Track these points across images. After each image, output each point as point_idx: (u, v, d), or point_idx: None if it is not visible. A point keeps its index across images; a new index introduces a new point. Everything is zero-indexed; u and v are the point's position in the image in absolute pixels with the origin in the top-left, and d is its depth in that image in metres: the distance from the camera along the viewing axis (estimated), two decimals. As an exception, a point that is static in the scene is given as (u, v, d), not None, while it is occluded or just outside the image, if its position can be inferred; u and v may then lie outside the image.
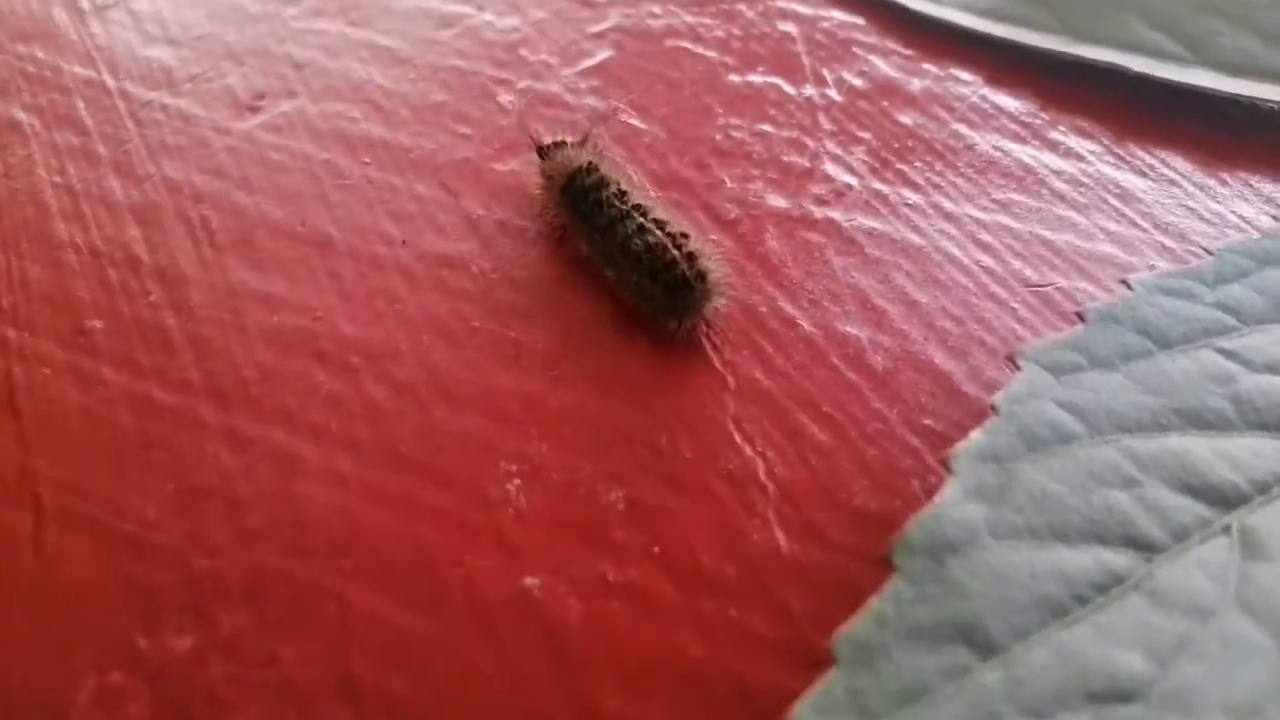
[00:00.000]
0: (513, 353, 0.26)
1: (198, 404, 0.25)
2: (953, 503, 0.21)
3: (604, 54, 0.35)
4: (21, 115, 0.33)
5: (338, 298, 0.27)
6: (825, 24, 0.36)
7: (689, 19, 0.36)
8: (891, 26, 0.36)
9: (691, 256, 0.26)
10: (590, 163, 0.28)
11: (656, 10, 0.36)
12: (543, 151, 0.30)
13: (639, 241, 0.26)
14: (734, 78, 0.33)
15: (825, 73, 0.34)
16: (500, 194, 0.30)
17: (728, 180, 0.30)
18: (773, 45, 0.35)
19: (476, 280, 0.27)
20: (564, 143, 0.30)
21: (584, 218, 0.28)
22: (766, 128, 0.32)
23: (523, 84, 0.34)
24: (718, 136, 0.31)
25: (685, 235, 0.26)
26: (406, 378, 0.25)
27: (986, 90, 0.33)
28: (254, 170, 0.31)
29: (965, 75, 0.33)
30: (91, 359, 0.26)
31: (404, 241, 0.28)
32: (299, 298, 0.27)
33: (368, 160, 0.31)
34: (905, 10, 0.36)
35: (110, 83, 0.34)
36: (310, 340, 0.26)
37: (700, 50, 0.35)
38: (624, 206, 0.27)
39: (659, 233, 0.26)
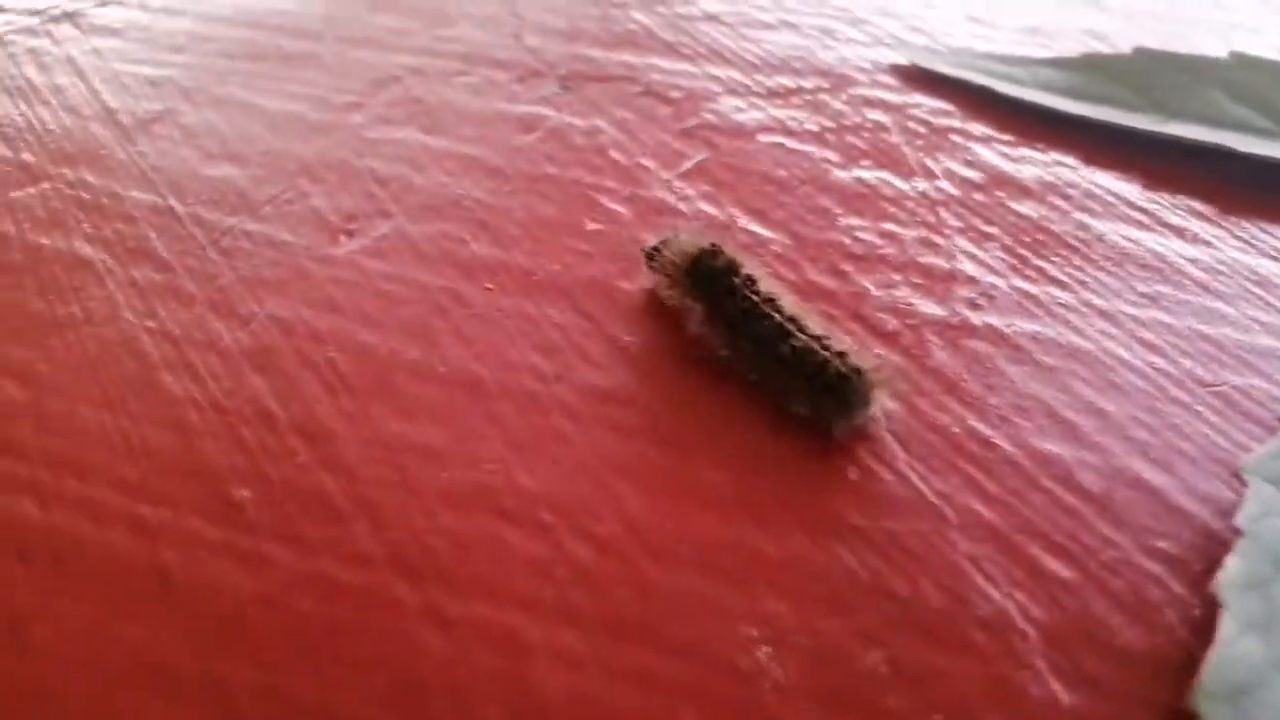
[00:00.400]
0: (709, 495, 0.24)
1: (387, 581, 0.23)
2: (1232, 640, 0.21)
3: (700, 154, 0.33)
4: (88, 250, 0.31)
5: (505, 445, 0.25)
6: (914, 111, 0.35)
7: (775, 112, 0.35)
8: (978, 110, 0.35)
9: (842, 355, 0.25)
10: (713, 245, 0.28)
11: (740, 104, 0.35)
12: (652, 254, 0.29)
13: (785, 346, 0.25)
14: (841, 174, 0.33)
15: (931, 164, 0.33)
16: (637, 315, 0.29)
17: (871, 287, 0.29)
18: (869, 137, 0.34)
19: (644, 414, 0.26)
20: (670, 237, 0.29)
21: (716, 306, 0.27)
22: (892, 227, 0.31)
23: (626, 191, 0.32)
24: (846, 240, 0.30)
25: (826, 335, 0.26)
26: (607, 533, 0.24)
27: (1095, 174, 0.33)
28: (370, 303, 0.29)
29: (1069, 159, 0.33)
30: (250, 535, 0.24)
31: (557, 376, 0.27)
32: (464, 448, 0.25)
33: (490, 286, 0.29)
34: (990, 92, 0.36)
35: (178, 208, 0.32)
36: (490, 497, 0.24)
37: (797, 145, 0.34)
38: (757, 297, 0.26)
39: (802, 335, 0.26)
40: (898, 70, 0.37)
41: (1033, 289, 0.29)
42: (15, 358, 0.28)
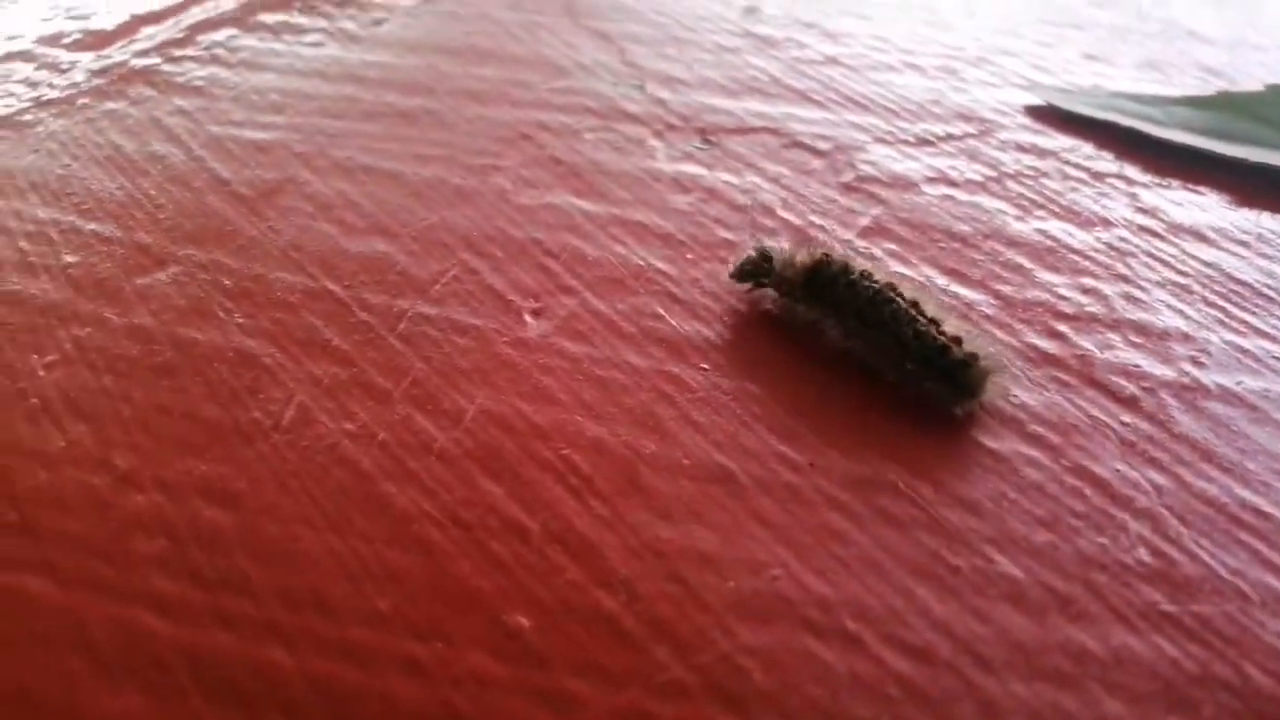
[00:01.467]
0: (1011, 592, 0.23)
1: (711, 713, 0.21)
2: None
3: (873, 210, 0.32)
4: (250, 343, 0.28)
5: (784, 547, 0.24)
6: (1069, 156, 0.35)
7: (932, 160, 0.34)
8: (1128, 152, 0.35)
9: (958, 340, 0.26)
10: (825, 254, 0.28)
11: (893, 154, 0.34)
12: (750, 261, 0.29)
13: (908, 330, 0.26)
14: (1021, 226, 0.32)
15: (1103, 212, 0.33)
16: (865, 390, 0.27)
17: (1094, 349, 0.28)
18: (1032, 184, 0.34)
19: (918, 505, 0.25)
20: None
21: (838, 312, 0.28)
22: (1090, 282, 0.30)
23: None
24: (1049, 298, 0.30)
25: (938, 320, 0.27)
26: (922, 643, 0.22)
27: (1260, 217, 0.33)
28: (588, 392, 0.27)
29: (1229, 202, 0.33)
30: (543, 670, 0.22)
31: (811, 464, 0.25)
32: (738, 551, 0.24)
33: (706, 366, 0.28)
34: (1135, 133, 0.36)
35: (337, 291, 0.30)
36: (786, 607, 0.23)
37: (966, 196, 0.33)
38: (875, 290, 0.27)
39: (923, 319, 0.26)
40: (1035, 112, 0.37)
41: (1244, 343, 0.29)
42: (206, 475, 0.25)
